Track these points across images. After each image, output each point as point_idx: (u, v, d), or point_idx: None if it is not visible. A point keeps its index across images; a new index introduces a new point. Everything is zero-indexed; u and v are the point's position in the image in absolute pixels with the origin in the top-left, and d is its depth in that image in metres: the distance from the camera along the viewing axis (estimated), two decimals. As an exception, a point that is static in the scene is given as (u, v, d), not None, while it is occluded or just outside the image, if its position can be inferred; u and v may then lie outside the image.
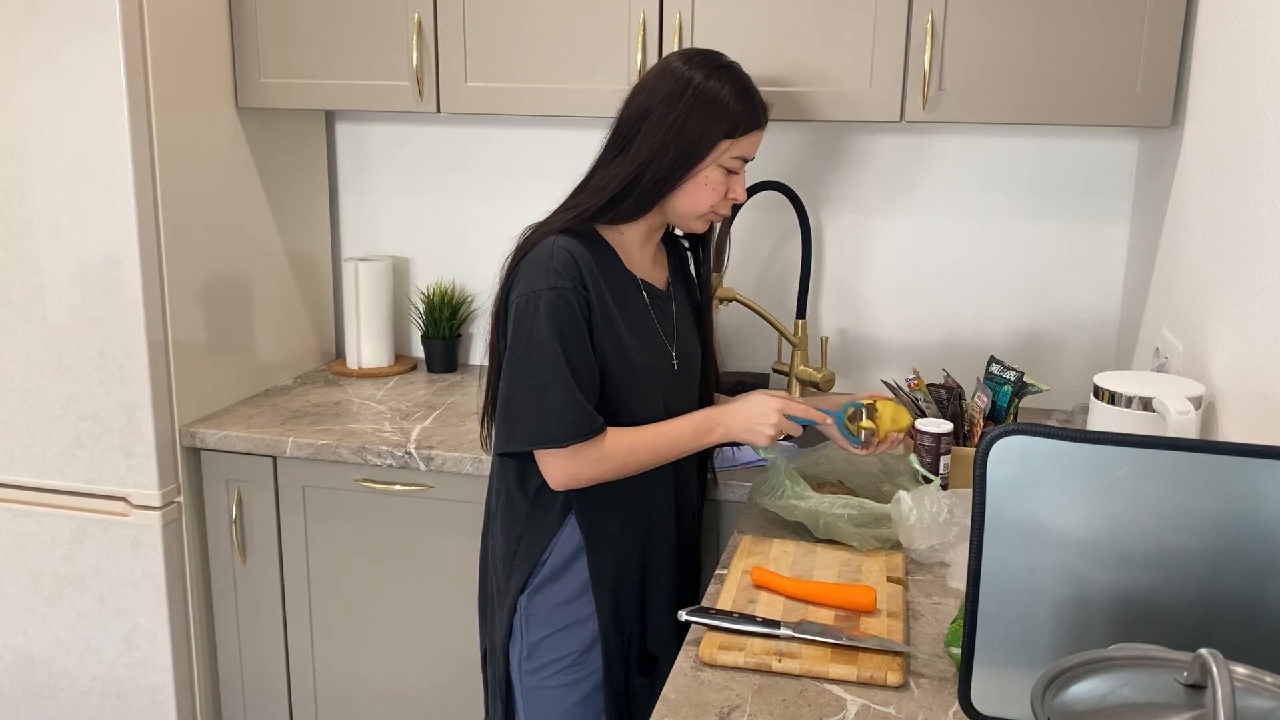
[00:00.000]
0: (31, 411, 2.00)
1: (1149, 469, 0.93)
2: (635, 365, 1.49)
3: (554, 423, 1.41)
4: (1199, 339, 1.56)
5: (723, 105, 1.46)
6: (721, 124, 1.46)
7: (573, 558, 1.51)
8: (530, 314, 1.41)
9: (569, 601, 1.52)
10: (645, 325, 1.54)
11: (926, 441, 1.66)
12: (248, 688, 2.15)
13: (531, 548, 1.52)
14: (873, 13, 1.82)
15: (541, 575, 1.52)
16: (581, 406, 1.41)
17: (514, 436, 1.43)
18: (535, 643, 1.53)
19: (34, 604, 2.10)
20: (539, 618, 1.53)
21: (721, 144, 1.47)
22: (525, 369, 1.42)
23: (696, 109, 1.45)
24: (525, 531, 1.53)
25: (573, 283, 1.42)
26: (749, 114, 1.48)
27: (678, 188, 1.48)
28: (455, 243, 2.47)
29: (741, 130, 1.48)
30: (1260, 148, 1.37)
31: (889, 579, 1.42)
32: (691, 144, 1.46)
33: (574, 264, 1.43)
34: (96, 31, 1.81)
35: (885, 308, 2.28)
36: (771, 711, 1.13)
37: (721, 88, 1.47)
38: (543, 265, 1.43)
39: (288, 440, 1.97)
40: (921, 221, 2.23)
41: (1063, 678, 0.82)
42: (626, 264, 1.53)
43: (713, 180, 1.49)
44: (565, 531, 1.51)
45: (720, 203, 1.52)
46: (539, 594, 1.52)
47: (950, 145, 2.18)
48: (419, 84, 2.02)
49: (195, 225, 2.02)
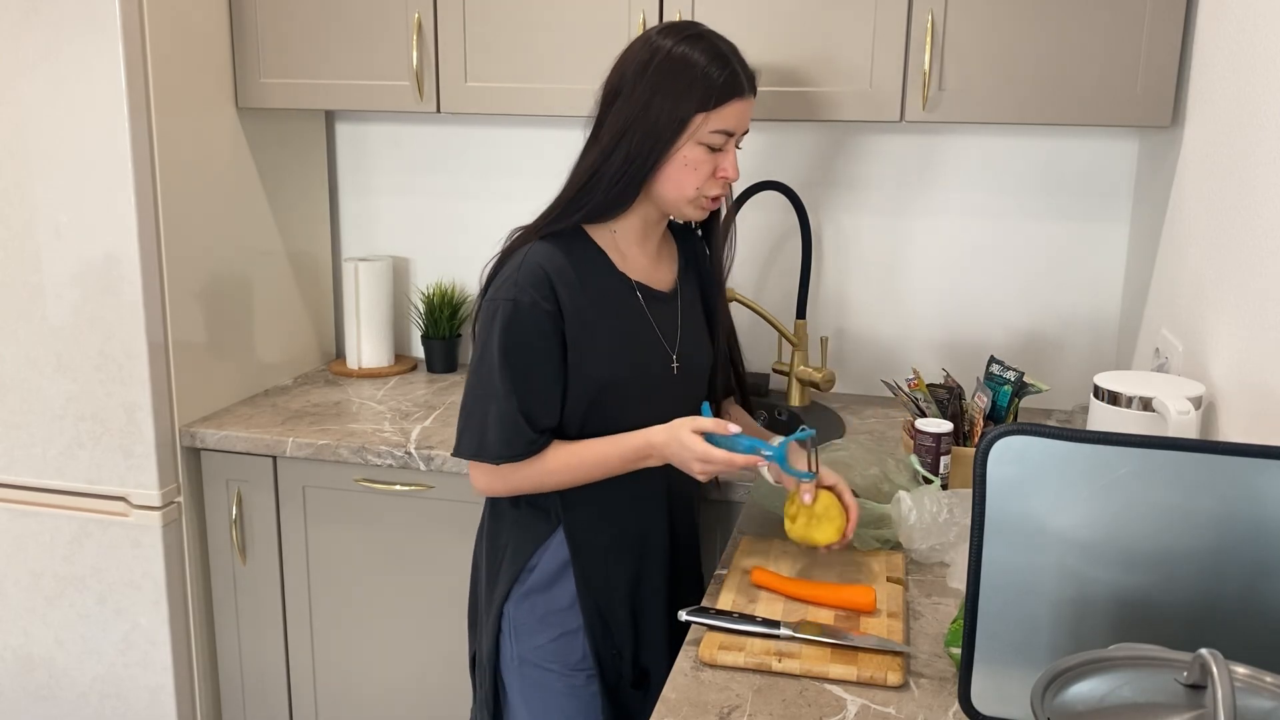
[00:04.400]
0: (31, 411, 2.00)
1: (1149, 469, 0.93)
2: (621, 373, 1.42)
3: (489, 438, 1.38)
4: (1199, 339, 1.55)
5: (692, 74, 1.32)
6: (693, 95, 1.33)
7: (561, 569, 1.48)
8: (487, 324, 1.38)
9: (560, 611, 1.48)
10: (639, 329, 1.45)
11: (926, 441, 1.66)
12: (248, 688, 2.15)
13: (517, 555, 1.49)
14: (873, 13, 1.82)
15: (529, 584, 1.48)
16: (515, 426, 1.37)
17: (459, 445, 1.43)
18: (527, 650, 1.50)
19: (34, 604, 2.10)
20: (528, 626, 1.49)
21: (695, 118, 1.33)
22: (475, 380, 1.40)
23: (664, 81, 1.32)
24: (511, 539, 1.50)
25: (534, 296, 1.35)
26: (726, 81, 1.34)
27: (656, 172, 1.37)
28: (455, 243, 2.47)
29: (716, 100, 1.34)
30: (1260, 148, 1.37)
31: (889, 579, 1.42)
32: (660, 121, 1.33)
33: (542, 276, 1.36)
34: (96, 31, 1.81)
35: (886, 307, 2.28)
36: (771, 711, 1.13)
37: (691, 53, 1.33)
38: (508, 276, 1.37)
39: (288, 440, 1.97)
40: (921, 221, 2.23)
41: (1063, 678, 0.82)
42: (619, 265, 1.45)
43: (693, 159, 1.36)
44: (553, 542, 1.47)
45: (708, 183, 1.39)
46: (526, 602, 1.49)
47: (950, 145, 2.18)
48: (419, 84, 2.02)
49: (195, 225, 2.03)
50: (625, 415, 1.43)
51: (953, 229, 2.21)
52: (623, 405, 1.44)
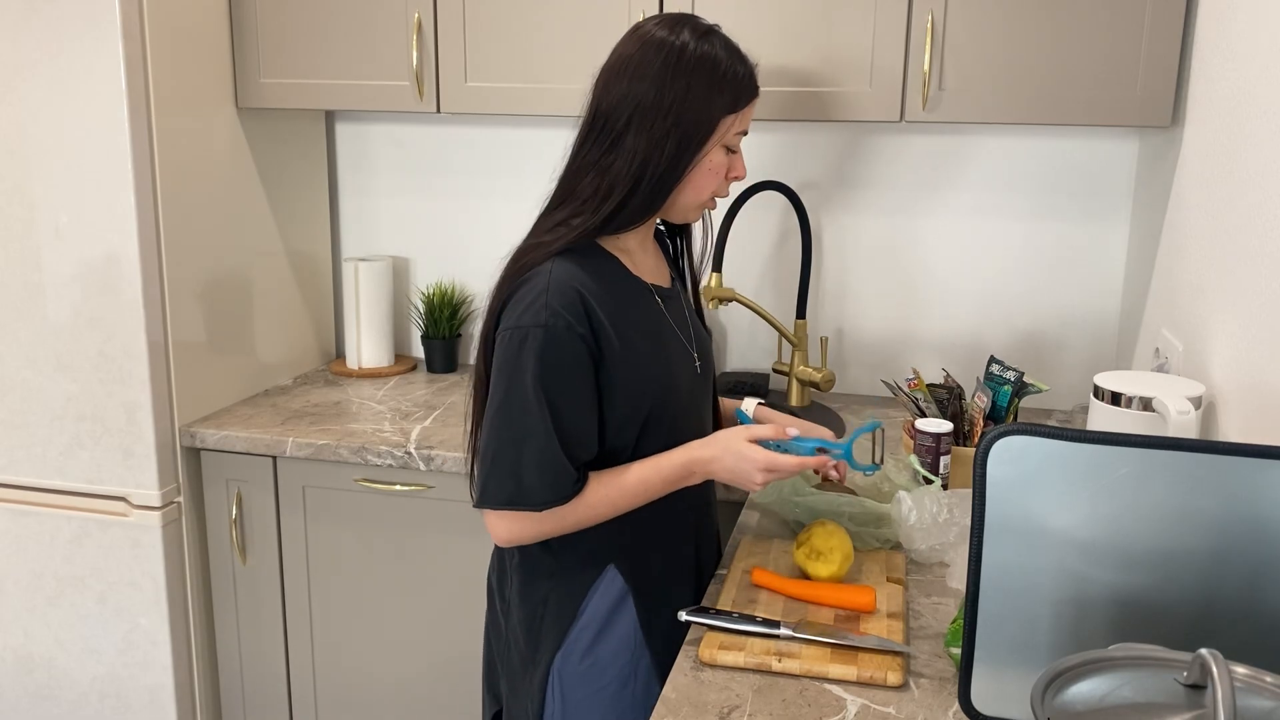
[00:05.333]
0: (31, 411, 2.00)
1: (1149, 469, 0.93)
2: (668, 384, 1.33)
3: (528, 483, 1.24)
4: (1199, 339, 1.55)
5: (721, 74, 1.26)
6: (724, 97, 1.27)
7: (616, 607, 1.35)
8: (515, 353, 1.23)
9: (616, 655, 1.35)
10: (666, 333, 1.36)
11: (926, 441, 1.66)
12: (248, 688, 2.15)
13: (563, 606, 1.34)
14: (873, 13, 1.82)
15: (577, 633, 1.35)
16: (557, 466, 1.24)
17: (485, 493, 1.27)
18: (576, 702, 1.36)
19: (34, 604, 2.10)
20: (578, 677, 1.35)
21: (725, 120, 1.28)
22: (503, 419, 1.25)
23: (695, 83, 1.25)
24: (554, 590, 1.35)
25: (570, 319, 1.23)
26: (749, 80, 1.30)
27: (684, 179, 1.29)
28: (455, 243, 2.47)
29: (745, 100, 1.29)
30: (1260, 148, 1.36)
31: (889, 579, 1.42)
32: (695, 126, 1.26)
33: (575, 297, 1.24)
34: (96, 31, 1.81)
35: (885, 307, 2.28)
36: (771, 711, 1.13)
37: (715, 52, 1.26)
38: (537, 298, 1.23)
39: (288, 440, 1.97)
40: (921, 221, 2.23)
41: (1063, 678, 0.82)
42: (634, 270, 1.36)
43: (716, 164, 1.30)
44: (605, 580, 1.35)
45: (721, 185, 1.34)
46: (574, 653, 1.35)
47: (950, 145, 2.18)
48: (419, 84, 2.02)
49: (195, 225, 2.03)
50: (676, 427, 1.35)
51: (953, 229, 2.21)
52: (674, 416, 1.35)
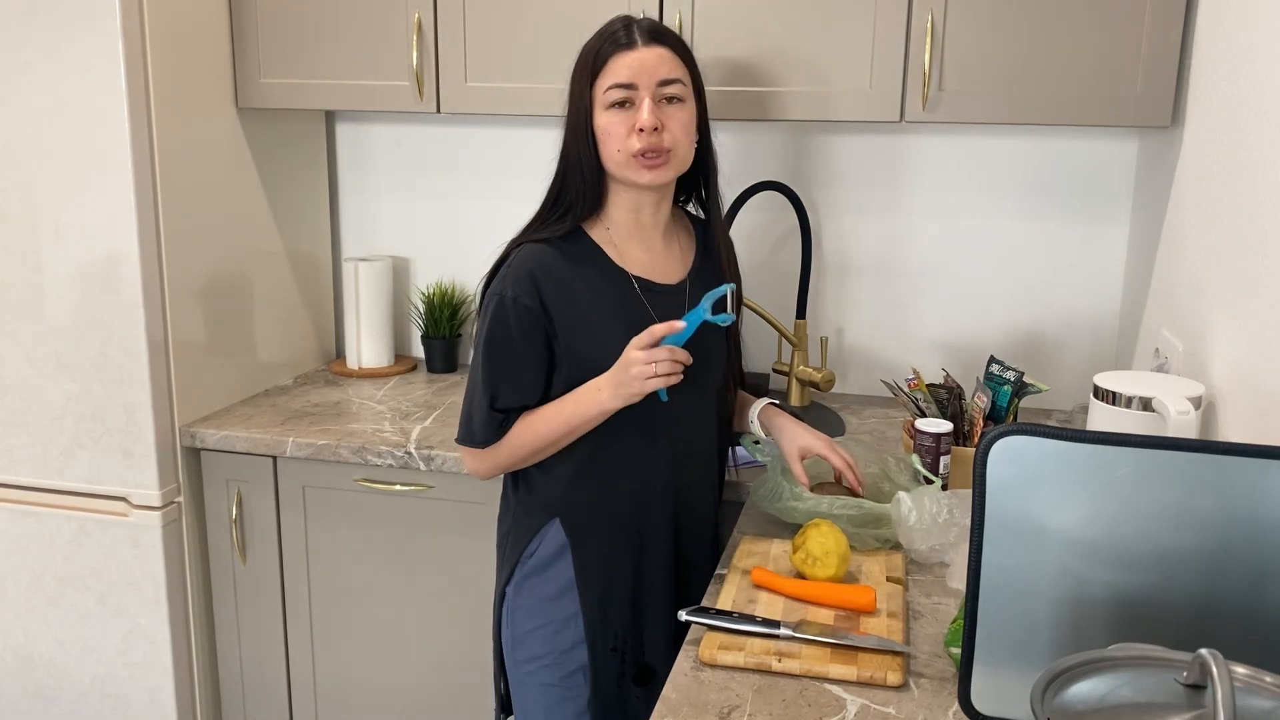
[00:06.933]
0: (31, 411, 2.00)
1: (1149, 469, 0.93)
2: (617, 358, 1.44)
3: (474, 424, 1.49)
4: (1199, 339, 1.55)
5: (584, 59, 1.44)
6: (585, 74, 1.43)
7: (556, 555, 1.52)
8: (481, 318, 1.48)
9: (554, 598, 1.53)
10: (637, 318, 1.47)
11: (926, 441, 1.66)
12: (248, 688, 2.15)
13: (517, 541, 1.55)
14: (873, 13, 1.82)
15: (526, 568, 1.54)
16: (486, 415, 1.46)
17: (458, 433, 1.53)
18: (520, 635, 1.55)
19: (34, 604, 2.10)
20: (524, 610, 1.55)
21: (590, 91, 1.43)
22: (470, 372, 1.51)
23: (576, 73, 1.45)
24: (513, 527, 1.57)
25: (517, 292, 1.43)
26: (605, 45, 1.43)
27: (595, 152, 1.45)
28: (455, 243, 2.47)
29: (595, 66, 1.43)
30: (1260, 148, 1.37)
31: (889, 579, 1.42)
32: (575, 108, 1.45)
33: (525, 273, 1.43)
34: (96, 31, 1.81)
35: (885, 308, 2.28)
36: (771, 711, 1.13)
37: (588, 41, 1.45)
38: (502, 273, 1.47)
39: (288, 440, 1.97)
40: (921, 221, 2.23)
41: (1063, 678, 0.82)
42: (616, 260, 1.49)
43: (605, 125, 1.42)
44: (550, 530, 1.52)
45: (629, 139, 1.41)
46: (524, 586, 1.54)
47: (950, 145, 2.18)
48: (419, 84, 2.02)
49: (195, 225, 2.03)
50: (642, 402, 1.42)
51: (952, 229, 2.21)
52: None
